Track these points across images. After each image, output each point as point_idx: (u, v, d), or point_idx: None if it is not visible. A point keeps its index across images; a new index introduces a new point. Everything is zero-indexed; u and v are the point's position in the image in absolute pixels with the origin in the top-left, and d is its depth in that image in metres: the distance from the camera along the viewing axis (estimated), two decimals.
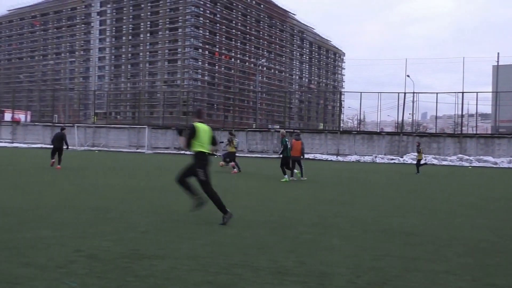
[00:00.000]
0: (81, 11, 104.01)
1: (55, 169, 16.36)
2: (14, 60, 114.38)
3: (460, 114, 43.03)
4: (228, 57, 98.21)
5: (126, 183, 12.45)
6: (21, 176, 13.80)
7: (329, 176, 17.80)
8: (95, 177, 14.15)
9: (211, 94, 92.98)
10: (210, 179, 6.70)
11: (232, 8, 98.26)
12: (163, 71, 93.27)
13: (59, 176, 13.89)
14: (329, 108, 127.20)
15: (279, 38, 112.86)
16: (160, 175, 15.78)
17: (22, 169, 16.74)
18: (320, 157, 38.28)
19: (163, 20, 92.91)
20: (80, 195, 9.43)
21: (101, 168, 18.39)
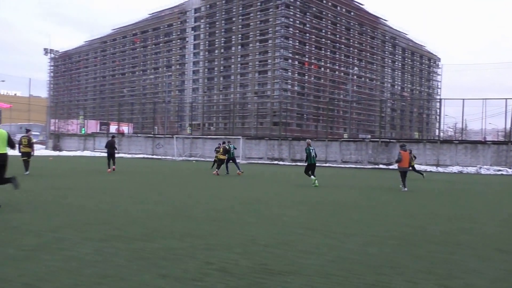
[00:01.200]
0: (177, 27, 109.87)
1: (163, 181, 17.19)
2: (118, 76, 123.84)
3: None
4: (317, 66, 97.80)
5: (242, 194, 12.67)
6: (140, 186, 14.64)
7: (436, 188, 16.75)
8: (207, 187, 14.61)
9: (301, 104, 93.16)
10: None
11: (322, 17, 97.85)
12: (253, 82, 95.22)
13: (168, 186, 14.57)
14: (423, 116, 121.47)
15: (370, 45, 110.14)
16: (260, 185, 15.91)
17: (136, 181, 17.77)
18: (418, 167, 36.35)
19: (253, 32, 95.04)
20: (196, 205, 9.74)
21: (208, 179, 18.99)
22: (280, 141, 42.64)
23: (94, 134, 52.50)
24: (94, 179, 16.08)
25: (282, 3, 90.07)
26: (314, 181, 16.03)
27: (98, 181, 15.22)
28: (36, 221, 7.08)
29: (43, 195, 10.68)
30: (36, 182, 13.92)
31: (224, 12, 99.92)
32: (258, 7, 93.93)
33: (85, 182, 14.80)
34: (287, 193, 13.19)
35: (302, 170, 18.19)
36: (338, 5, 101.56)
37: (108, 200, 10.07)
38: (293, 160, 41.42)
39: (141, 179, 17.16)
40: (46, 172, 18.63)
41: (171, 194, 12.04)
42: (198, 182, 16.44)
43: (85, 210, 8.37)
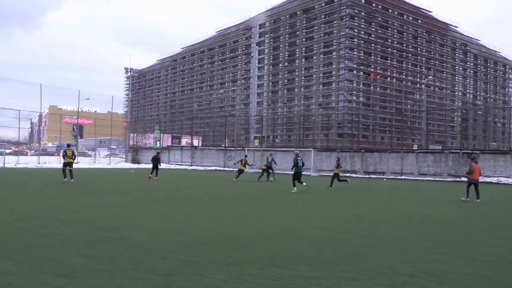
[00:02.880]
0: (242, 43, 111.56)
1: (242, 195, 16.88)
2: (186, 92, 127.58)
3: None
4: (382, 76, 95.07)
5: (336, 211, 12.03)
6: (228, 202, 14.39)
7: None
8: (293, 202, 14.04)
9: (367, 115, 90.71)
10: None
11: (388, 27, 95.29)
12: (317, 94, 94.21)
13: (261, 200, 14.18)
14: (498, 126, 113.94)
15: (439, 53, 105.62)
16: (345, 200, 15.09)
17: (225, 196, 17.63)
18: (506, 181, 33.52)
19: (317, 44, 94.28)
20: (300, 223, 9.22)
21: (285, 193, 18.47)
22: (352, 153, 41.38)
23: (169, 147, 53.89)
24: (185, 193, 16.06)
25: (346, 15, 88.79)
26: (306, 187, 18.07)
27: (189, 195, 15.16)
28: (152, 239, 6.85)
29: (143, 209, 10.63)
30: (142, 195, 14.08)
31: (288, 26, 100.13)
32: (322, 20, 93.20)
33: (178, 195, 14.79)
34: (380, 208, 12.34)
35: (378, 184, 17.21)
36: (404, 13, 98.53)
37: (209, 217, 9.79)
38: (366, 172, 39.99)
39: (230, 192, 16.94)
40: (136, 186, 18.97)
41: (269, 210, 11.60)
42: (280, 197, 15.93)
43: (193, 227, 8.10)
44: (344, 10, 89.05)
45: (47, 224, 8.09)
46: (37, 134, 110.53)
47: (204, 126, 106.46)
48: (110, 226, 8.10)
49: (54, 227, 7.78)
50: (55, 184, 18.36)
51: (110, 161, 51.80)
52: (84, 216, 9.28)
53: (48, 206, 10.79)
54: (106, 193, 14.86)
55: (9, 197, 13.16)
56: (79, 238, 6.90)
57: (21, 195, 14.05)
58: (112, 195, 14.17)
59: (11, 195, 13.78)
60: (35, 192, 14.91)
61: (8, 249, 5.97)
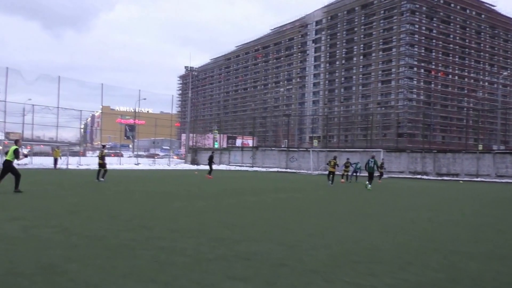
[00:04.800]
0: (298, 41, 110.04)
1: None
2: (240, 91, 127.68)
3: None
4: (443, 74, 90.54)
5: (463, 219, 10.59)
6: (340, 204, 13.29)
7: None
8: (397, 206, 12.73)
9: (428, 114, 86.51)
10: None
11: (450, 22, 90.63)
12: (376, 92, 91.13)
13: (368, 206, 12.97)
14: None
15: (503, 49, 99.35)
16: (449, 204, 13.52)
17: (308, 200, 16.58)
18: None
19: (376, 41, 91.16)
20: (430, 234, 7.90)
21: (377, 194, 17.12)
22: (423, 153, 39.08)
23: (229, 148, 53.51)
24: (281, 197, 15.13)
25: (407, 10, 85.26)
26: (367, 186, 19.90)
27: (288, 199, 14.22)
28: (292, 254, 5.85)
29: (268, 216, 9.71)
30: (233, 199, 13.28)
31: (346, 22, 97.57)
32: (381, 15, 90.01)
33: (273, 199, 13.89)
34: (491, 216, 10.73)
35: (454, 185, 15.48)
36: (467, 8, 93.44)
37: (332, 225, 8.69)
38: (439, 174, 37.59)
39: (332, 195, 15.83)
40: (211, 189, 18.25)
41: (381, 217, 10.34)
42: (378, 200, 14.60)
43: (322, 237, 7.04)
44: (404, 5, 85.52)
45: (158, 235, 7.26)
46: (89, 134, 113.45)
47: (258, 126, 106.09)
48: (228, 237, 7.16)
49: (169, 239, 6.92)
50: (127, 187, 17.99)
51: (170, 162, 51.90)
52: (188, 224, 8.41)
53: (143, 212, 10.10)
54: (190, 197, 14.12)
55: (100, 202, 12.71)
56: (209, 253, 5.99)
57: (105, 199, 13.62)
58: (198, 199, 13.39)
59: (98, 199, 13.39)
60: (119, 196, 14.45)
61: (143, 268, 5.12)
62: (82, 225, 7.88)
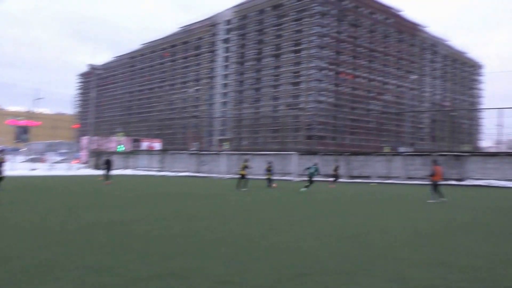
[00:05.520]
0: (207, 40, 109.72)
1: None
2: (146, 91, 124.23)
3: None
4: (352, 76, 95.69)
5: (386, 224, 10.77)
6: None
7: None
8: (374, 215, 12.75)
9: (337, 117, 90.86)
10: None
11: (358, 25, 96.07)
12: (286, 94, 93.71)
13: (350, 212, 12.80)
14: (464, 126, 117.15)
15: (409, 53, 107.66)
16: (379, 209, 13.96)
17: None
18: (496, 183, 33.83)
19: (286, 43, 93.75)
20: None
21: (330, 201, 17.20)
22: (336, 156, 40.70)
23: (135, 151, 51.56)
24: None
25: (317, 12, 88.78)
26: None
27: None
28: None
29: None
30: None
31: (256, 23, 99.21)
32: (292, 17, 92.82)
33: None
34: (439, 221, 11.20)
35: (366, 188, 16.34)
36: (375, 12, 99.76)
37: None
38: (351, 176, 39.36)
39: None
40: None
41: (309, 224, 10.20)
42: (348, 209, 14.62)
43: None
44: (314, 8, 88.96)
45: (76, 252, 6.43)
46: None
47: (165, 129, 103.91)
48: (158, 252, 6.63)
49: (92, 256, 6.15)
50: (26, 197, 16.32)
51: (70, 167, 48.68)
52: (109, 238, 7.96)
53: (54, 225, 9.04)
54: (103, 207, 13.00)
55: None
56: (141, 271, 5.60)
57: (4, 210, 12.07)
58: (112, 209, 12.37)
59: None
60: (21, 207, 12.87)
61: None
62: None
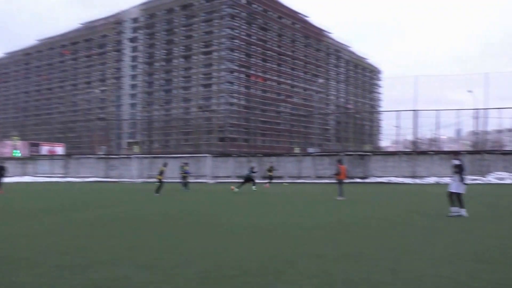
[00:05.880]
0: (112, 38, 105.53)
1: None
2: (44, 91, 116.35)
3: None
4: (262, 79, 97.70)
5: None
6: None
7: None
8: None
9: (248, 119, 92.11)
10: None
11: (267, 29, 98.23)
12: (197, 96, 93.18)
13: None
14: (366, 128, 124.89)
15: (315, 58, 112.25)
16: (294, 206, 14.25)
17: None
18: (395, 180, 36.51)
19: (197, 44, 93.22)
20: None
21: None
22: (249, 157, 41.20)
23: (35, 156, 48.05)
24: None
25: (227, 14, 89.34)
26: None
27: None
28: None
29: None
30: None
31: (165, 22, 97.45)
32: (202, 18, 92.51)
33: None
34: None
35: (279, 187, 16.99)
36: (283, 17, 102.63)
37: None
38: (264, 177, 40.06)
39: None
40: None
41: (223, 227, 10.07)
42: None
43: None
44: (224, 9, 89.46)
45: None
46: None
47: (68, 132, 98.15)
48: (74, 263, 5.96)
49: None
50: None
51: None
52: (15, 251, 6.97)
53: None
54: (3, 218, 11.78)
55: None
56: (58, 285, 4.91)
57: None
58: (12, 221, 11.28)
59: None
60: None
61: None
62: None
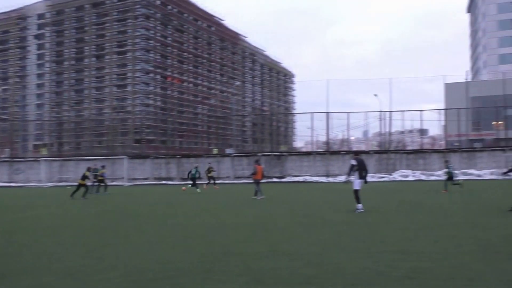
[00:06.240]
0: (15, 34, 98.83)
1: None
2: None
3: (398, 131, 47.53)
4: (179, 81, 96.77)
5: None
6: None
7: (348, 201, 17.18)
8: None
9: (165, 120, 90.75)
10: None
11: (183, 31, 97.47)
12: (111, 97, 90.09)
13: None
14: (281, 129, 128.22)
15: (231, 60, 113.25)
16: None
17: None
18: (311, 179, 38.10)
19: (110, 43, 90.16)
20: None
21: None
22: (168, 159, 40.76)
23: None
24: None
25: (141, 14, 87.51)
26: None
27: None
28: None
29: None
30: None
31: (75, 20, 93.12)
32: (115, 17, 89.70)
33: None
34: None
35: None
36: (199, 19, 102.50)
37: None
38: (183, 178, 39.85)
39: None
40: None
41: (149, 228, 10.08)
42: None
43: None
44: (138, 9, 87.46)
45: None
46: None
47: None
48: None
49: None
50: None
51: None
52: None
53: None
54: None
55: None
56: None
57: None
58: None
59: None
60: None
61: None
62: None
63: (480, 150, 39.84)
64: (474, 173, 36.55)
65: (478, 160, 38.16)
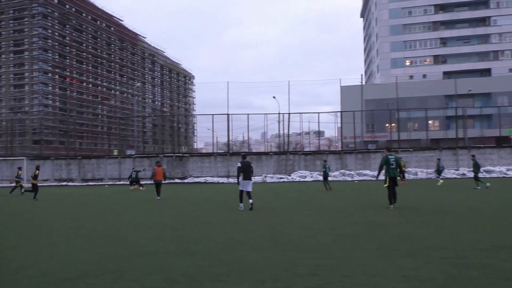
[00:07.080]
0: None
1: None
2: None
3: (296, 132, 49.63)
4: (78, 81, 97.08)
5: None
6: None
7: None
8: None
9: (64, 121, 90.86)
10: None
11: (82, 31, 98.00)
12: (8, 97, 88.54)
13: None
14: (181, 130, 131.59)
15: (131, 61, 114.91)
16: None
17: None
18: (211, 179, 40.34)
19: (6, 42, 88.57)
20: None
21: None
22: (68, 160, 43.58)
23: None
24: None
25: (39, 13, 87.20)
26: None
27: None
28: None
29: None
30: None
31: None
32: (11, 15, 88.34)
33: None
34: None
35: (100, 190, 22.78)
36: (98, 19, 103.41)
37: None
38: (84, 179, 42.57)
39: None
40: None
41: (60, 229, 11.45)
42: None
43: None
44: (36, 8, 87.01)
45: None
46: None
47: None
48: None
49: None
50: None
51: None
52: None
53: None
54: None
55: None
56: None
57: None
58: None
59: None
60: None
61: None
62: None
63: (374, 152, 42.51)
64: (369, 173, 38.76)
65: (373, 161, 40.31)
